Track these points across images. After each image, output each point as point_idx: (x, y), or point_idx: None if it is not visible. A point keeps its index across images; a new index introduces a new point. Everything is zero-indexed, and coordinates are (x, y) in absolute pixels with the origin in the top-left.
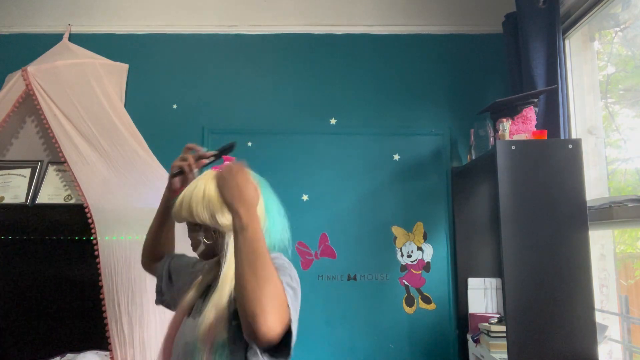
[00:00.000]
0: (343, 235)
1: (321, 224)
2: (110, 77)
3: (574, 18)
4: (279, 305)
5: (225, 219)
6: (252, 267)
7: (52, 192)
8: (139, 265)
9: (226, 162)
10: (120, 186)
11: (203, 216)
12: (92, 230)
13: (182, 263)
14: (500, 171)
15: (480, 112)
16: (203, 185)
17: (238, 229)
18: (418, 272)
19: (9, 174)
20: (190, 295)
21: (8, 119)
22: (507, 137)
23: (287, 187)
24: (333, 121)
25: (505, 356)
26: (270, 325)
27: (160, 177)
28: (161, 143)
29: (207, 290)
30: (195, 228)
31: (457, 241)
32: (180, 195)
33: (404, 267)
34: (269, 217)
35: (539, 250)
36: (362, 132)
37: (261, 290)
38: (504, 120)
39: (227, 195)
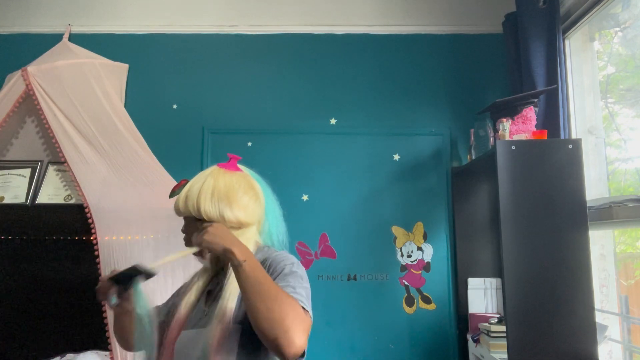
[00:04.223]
0: (343, 235)
1: (321, 224)
2: (110, 77)
3: (574, 18)
4: (297, 316)
5: (232, 215)
6: (260, 294)
7: (52, 192)
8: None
9: (233, 160)
10: (120, 186)
11: (211, 212)
12: (92, 230)
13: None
14: (500, 171)
15: (480, 112)
16: (212, 181)
17: (237, 264)
18: (418, 272)
19: (9, 174)
20: (187, 302)
21: (8, 119)
22: (507, 137)
23: (287, 187)
24: (333, 121)
25: (505, 356)
26: (297, 341)
27: (160, 177)
28: (161, 143)
29: (206, 296)
30: (196, 223)
31: (457, 241)
32: (186, 189)
33: (404, 267)
34: (270, 218)
35: (539, 250)
36: (362, 132)
37: (276, 311)
38: (504, 120)
39: (220, 243)
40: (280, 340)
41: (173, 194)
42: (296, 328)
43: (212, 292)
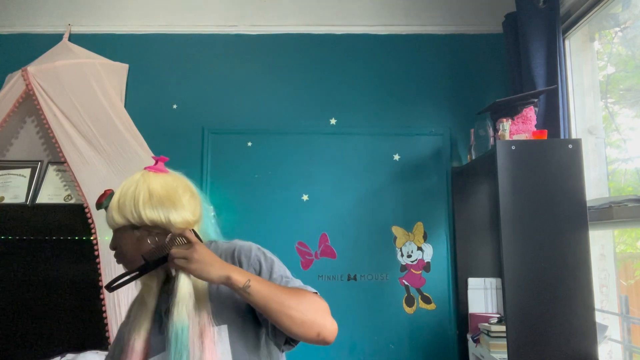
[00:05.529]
0: (343, 235)
1: (321, 224)
2: (110, 77)
3: (574, 18)
4: (321, 305)
5: (179, 216)
6: (283, 308)
7: (52, 192)
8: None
9: (160, 162)
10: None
11: (155, 217)
12: (92, 230)
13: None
14: (500, 171)
15: (480, 112)
16: (146, 185)
17: (243, 290)
18: (418, 272)
19: (9, 174)
20: (140, 329)
21: (8, 119)
22: (507, 137)
23: (287, 187)
24: (333, 121)
25: (505, 356)
26: (334, 326)
27: None
28: (161, 143)
29: (166, 315)
30: (133, 232)
31: (457, 241)
32: (115, 198)
33: (404, 267)
34: (204, 215)
35: (539, 250)
36: (362, 132)
37: (307, 312)
38: (504, 120)
39: (212, 272)
40: (323, 334)
41: (100, 206)
42: (327, 316)
43: (170, 310)
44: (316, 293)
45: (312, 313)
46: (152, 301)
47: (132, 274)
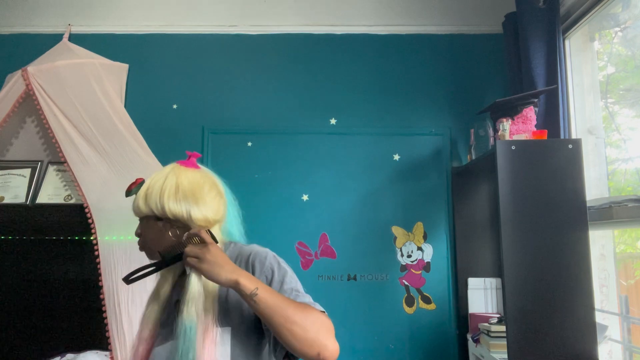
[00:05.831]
0: (343, 235)
1: (321, 224)
2: (110, 77)
3: (574, 18)
4: (325, 324)
5: (200, 213)
6: (287, 321)
7: (52, 192)
8: (138, 265)
9: (192, 158)
10: (120, 186)
11: (177, 211)
12: (92, 230)
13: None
14: (500, 171)
15: (480, 112)
16: (175, 179)
17: (250, 297)
18: (418, 272)
19: (9, 174)
20: (149, 318)
21: (8, 119)
22: (507, 137)
23: (287, 187)
24: (333, 121)
25: (505, 356)
26: (335, 348)
27: None
28: (161, 143)
29: (175, 307)
30: (157, 223)
31: (457, 241)
32: (144, 187)
33: (404, 267)
34: (230, 216)
35: (539, 250)
36: (362, 132)
37: (309, 333)
38: (504, 120)
39: (222, 275)
40: (323, 354)
41: (129, 193)
42: (330, 336)
43: (180, 302)
44: (324, 312)
45: (315, 331)
46: (165, 292)
47: (149, 269)
